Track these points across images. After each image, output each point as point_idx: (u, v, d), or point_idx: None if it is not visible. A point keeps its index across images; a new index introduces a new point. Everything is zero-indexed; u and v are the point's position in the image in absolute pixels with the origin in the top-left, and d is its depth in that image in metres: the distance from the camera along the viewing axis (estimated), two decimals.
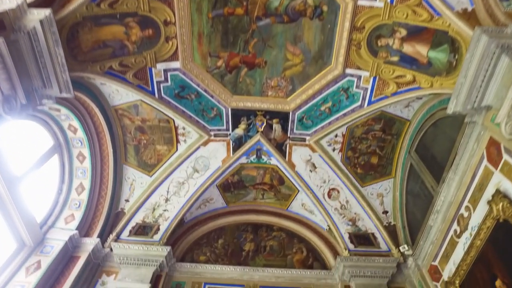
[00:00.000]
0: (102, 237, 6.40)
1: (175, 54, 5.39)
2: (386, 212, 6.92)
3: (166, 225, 6.92)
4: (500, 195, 3.95)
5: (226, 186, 7.49)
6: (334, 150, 6.63)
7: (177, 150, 6.69)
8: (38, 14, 3.90)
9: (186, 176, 6.87)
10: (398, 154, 6.67)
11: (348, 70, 5.48)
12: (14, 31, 3.78)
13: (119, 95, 5.85)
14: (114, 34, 4.86)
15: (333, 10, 4.90)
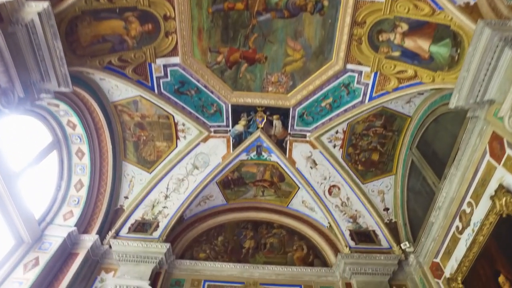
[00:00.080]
0: (101, 234, 6.37)
1: (175, 49, 5.35)
2: (387, 209, 6.88)
3: (166, 222, 6.88)
4: (503, 190, 3.92)
5: (226, 183, 7.45)
6: (334, 146, 6.60)
7: (176, 146, 6.65)
8: (36, 7, 3.88)
9: (185, 172, 6.84)
10: (399, 150, 6.63)
11: (349, 66, 5.44)
12: (12, 24, 3.76)
13: (119, 91, 5.81)
14: (114, 28, 4.83)
15: (334, 5, 4.87)
